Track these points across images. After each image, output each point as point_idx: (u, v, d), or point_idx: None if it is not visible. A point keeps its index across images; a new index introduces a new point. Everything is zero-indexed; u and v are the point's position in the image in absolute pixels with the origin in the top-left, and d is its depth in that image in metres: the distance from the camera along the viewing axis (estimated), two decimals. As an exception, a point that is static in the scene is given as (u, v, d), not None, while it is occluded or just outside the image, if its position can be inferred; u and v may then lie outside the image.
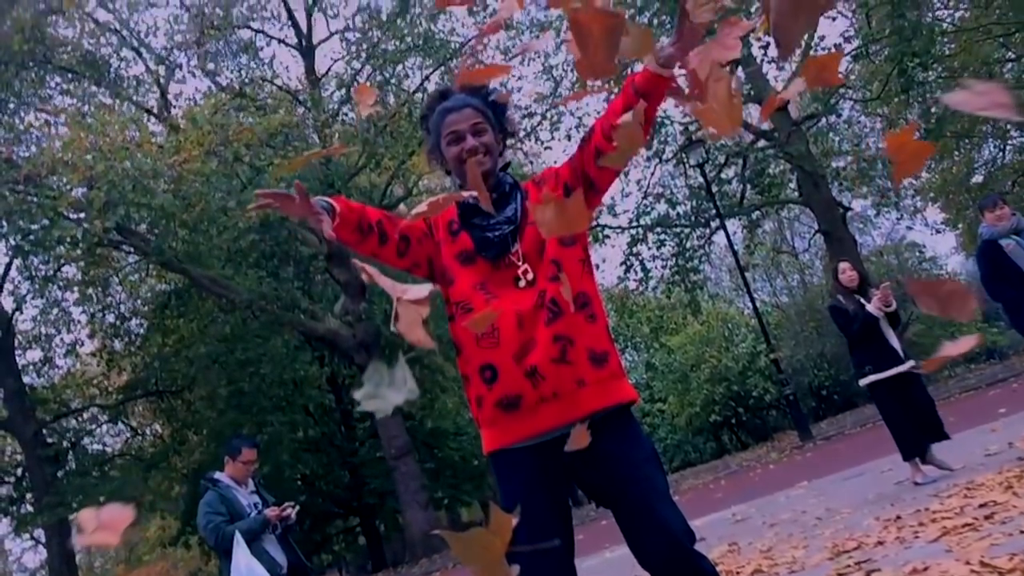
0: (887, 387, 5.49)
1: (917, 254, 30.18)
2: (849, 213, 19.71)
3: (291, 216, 1.73)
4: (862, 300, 5.61)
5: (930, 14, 16.24)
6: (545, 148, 16.68)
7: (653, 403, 27.48)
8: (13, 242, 14.32)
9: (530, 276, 1.86)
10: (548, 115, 16.14)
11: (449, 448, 21.72)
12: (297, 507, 4.09)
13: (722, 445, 26.24)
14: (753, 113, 18.44)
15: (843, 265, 5.83)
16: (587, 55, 1.16)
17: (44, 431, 17.70)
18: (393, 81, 14.94)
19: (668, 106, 17.43)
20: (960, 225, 25.10)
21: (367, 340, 14.94)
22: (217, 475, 4.19)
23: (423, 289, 1.22)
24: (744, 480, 11.91)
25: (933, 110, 17.53)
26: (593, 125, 1.89)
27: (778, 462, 13.10)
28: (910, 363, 5.54)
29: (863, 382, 5.60)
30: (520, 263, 1.88)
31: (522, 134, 16.01)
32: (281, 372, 18.29)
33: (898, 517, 4.18)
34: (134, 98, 15.51)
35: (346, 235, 1.86)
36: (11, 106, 14.45)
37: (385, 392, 1.16)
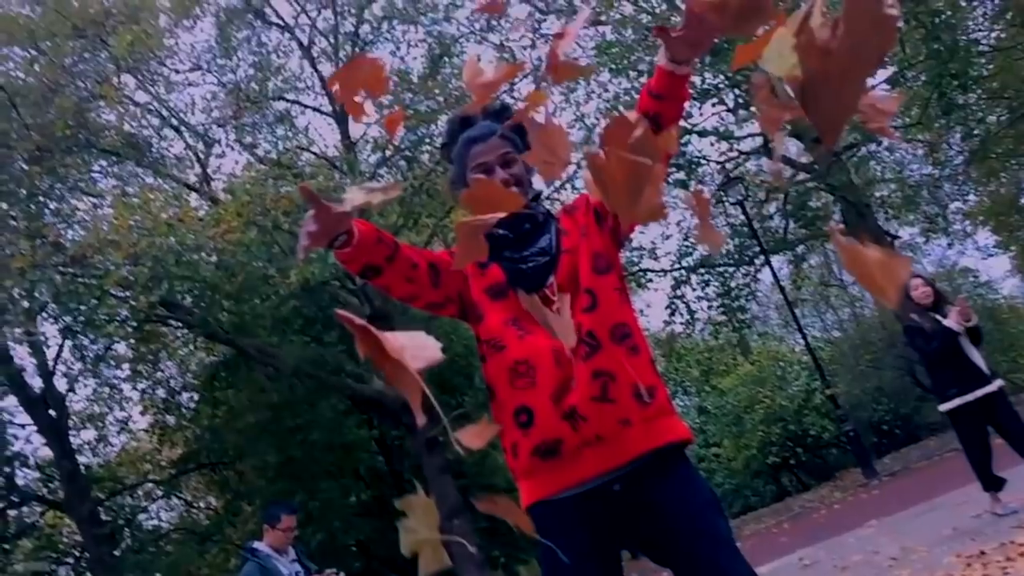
0: (972, 410, 5.10)
1: (971, 279, 29.44)
2: (897, 242, 19.31)
3: (325, 238, 1.55)
4: (938, 317, 5.24)
5: (964, 36, 16.02)
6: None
7: (708, 447, 26.91)
8: (63, 323, 14.60)
9: (567, 314, 1.73)
10: (582, 163, 16.11)
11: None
12: (342, 574, 3.94)
13: (782, 487, 25.53)
14: (791, 148, 18.28)
15: (915, 281, 5.42)
16: (608, 199, 1.02)
17: (100, 509, 17.78)
18: (427, 140, 15.06)
19: (703, 145, 17.38)
20: (1013, 247, 24.49)
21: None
22: (256, 545, 4.07)
23: (429, 348, 1.02)
24: (809, 522, 11.53)
25: (976, 132, 17.21)
26: None
27: (843, 501, 12.69)
28: (998, 382, 5.15)
29: (946, 407, 5.20)
30: (556, 297, 1.74)
31: (557, 183, 15.99)
32: (330, 437, 18.23)
33: (982, 552, 3.92)
34: (175, 174, 15.82)
35: (370, 254, 1.66)
36: (57, 191, 14.83)
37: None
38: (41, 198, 14.47)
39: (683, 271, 17.86)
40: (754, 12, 1.00)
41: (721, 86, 15.58)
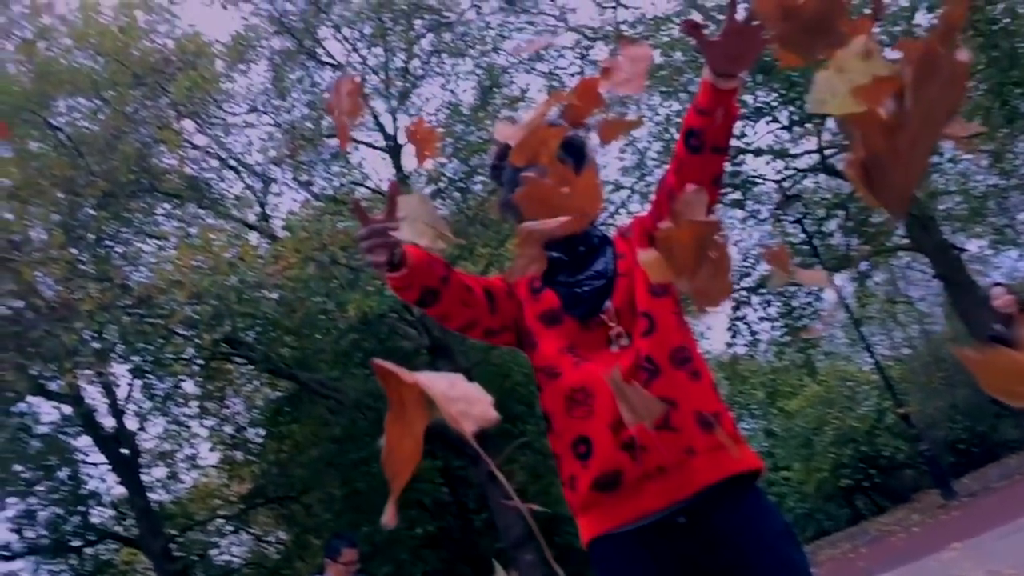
0: None
1: (1044, 291, 28.46)
2: (965, 254, 18.78)
3: (383, 252, 1.50)
4: None
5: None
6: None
7: (777, 471, 26.36)
8: (132, 363, 14.95)
9: (624, 341, 1.65)
10: (636, 187, 16.05)
11: (568, 534, 21.14)
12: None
13: (856, 510, 24.85)
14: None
15: (997, 290, 5.26)
16: (673, 264, 0.96)
17: (172, 545, 18.05)
18: (479, 170, 15.15)
19: (759, 164, 17.17)
20: (1087, 256, 23.64)
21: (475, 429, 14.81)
22: (319, 580, 4.07)
23: (480, 403, 0.86)
24: (887, 546, 11.17)
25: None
26: (668, 168, 1.72)
27: (922, 524, 12.29)
28: None
29: None
30: (613, 324, 1.66)
31: (612, 208, 15.95)
32: (394, 469, 18.28)
33: (1075, 578, 3.71)
34: (235, 214, 16.14)
35: (425, 276, 1.58)
36: (123, 235, 15.25)
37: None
38: (108, 242, 14.89)
39: (743, 292, 17.59)
40: (821, 35, 0.91)
41: (774, 103, 15.41)
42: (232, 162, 16.41)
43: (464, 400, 0.85)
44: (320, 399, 16.54)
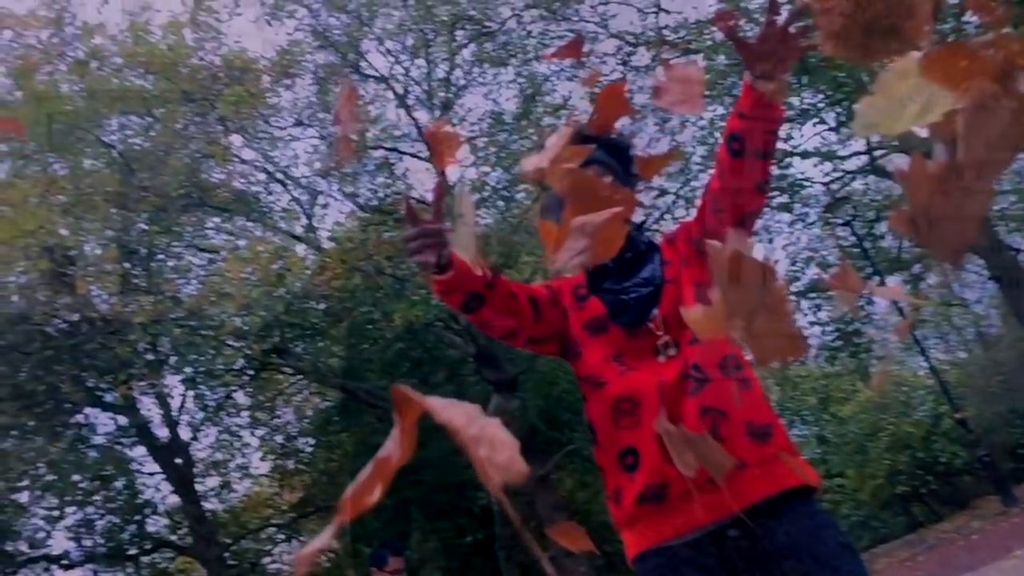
0: None
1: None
2: (1021, 255, 18.32)
3: (432, 253, 1.49)
4: None
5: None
6: (682, 226, 16.43)
7: (831, 478, 25.90)
8: (184, 374, 15.21)
9: (672, 351, 1.60)
10: (681, 192, 15.92)
11: (617, 542, 20.94)
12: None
13: (914, 517, 24.32)
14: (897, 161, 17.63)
15: None
16: (729, 302, 0.93)
17: (226, 554, 18.27)
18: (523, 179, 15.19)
19: (806, 166, 16.94)
20: None
21: (522, 438, 14.78)
22: (367, 591, 4.07)
23: (506, 448, 0.80)
24: (946, 554, 10.93)
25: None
26: (713, 173, 1.68)
27: (981, 531, 12.00)
28: None
29: None
30: (660, 332, 1.62)
31: (657, 214, 15.84)
32: (442, 477, 18.32)
33: None
34: (282, 226, 16.34)
35: (470, 281, 1.55)
36: (175, 248, 15.53)
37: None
38: (160, 256, 15.18)
39: (793, 296, 17.34)
40: (883, 36, 0.83)
41: (821, 105, 15.19)
42: (279, 175, 16.64)
43: (488, 443, 0.78)
44: (368, 408, 16.65)
